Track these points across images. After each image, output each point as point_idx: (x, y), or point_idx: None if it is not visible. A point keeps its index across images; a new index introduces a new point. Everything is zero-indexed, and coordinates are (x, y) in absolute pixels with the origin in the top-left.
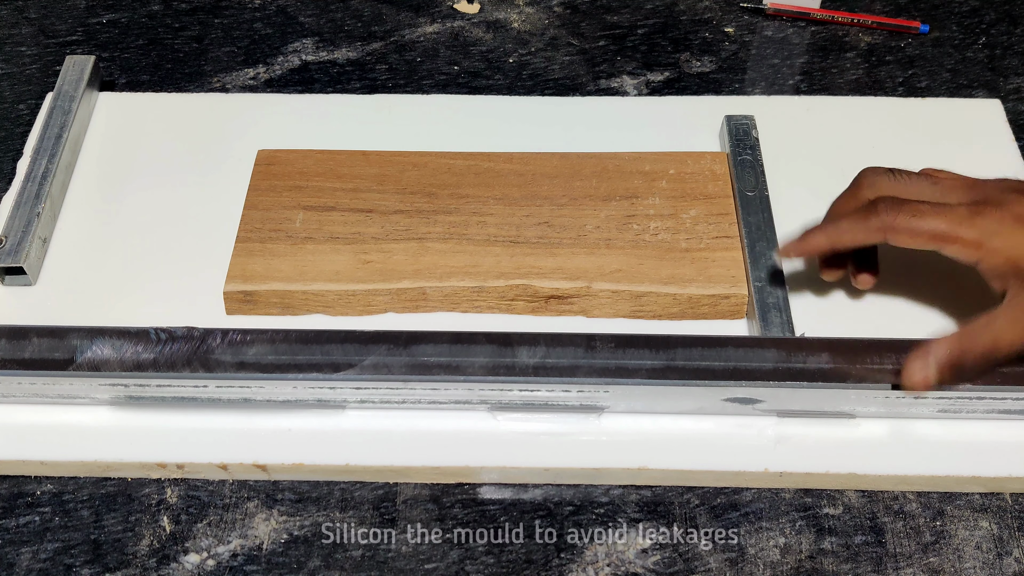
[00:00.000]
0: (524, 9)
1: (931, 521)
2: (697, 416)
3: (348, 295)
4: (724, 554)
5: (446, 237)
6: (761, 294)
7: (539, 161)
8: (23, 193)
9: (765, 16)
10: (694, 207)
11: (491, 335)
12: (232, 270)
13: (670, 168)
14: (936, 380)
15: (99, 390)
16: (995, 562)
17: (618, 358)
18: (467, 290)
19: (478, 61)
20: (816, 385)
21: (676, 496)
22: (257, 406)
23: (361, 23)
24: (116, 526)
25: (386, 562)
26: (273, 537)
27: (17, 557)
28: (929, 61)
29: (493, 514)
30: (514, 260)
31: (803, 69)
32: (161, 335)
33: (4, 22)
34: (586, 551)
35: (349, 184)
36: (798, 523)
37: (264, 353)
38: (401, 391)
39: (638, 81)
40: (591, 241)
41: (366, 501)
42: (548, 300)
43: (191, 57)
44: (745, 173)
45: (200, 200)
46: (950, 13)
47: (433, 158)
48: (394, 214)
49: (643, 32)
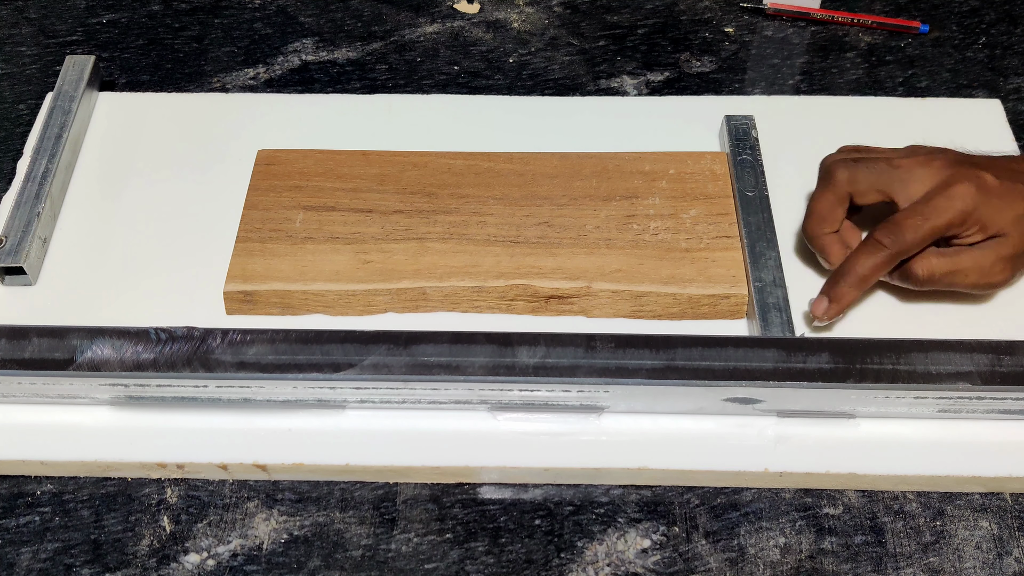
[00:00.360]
0: (524, 9)
1: (931, 521)
2: (697, 416)
3: (348, 295)
4: (724, 554)
5: (446, 237)
6: (761, 294)
7: (539, 161)
8: (23, 193)
9: (765, 16)
10: (694, 207)
11: (491, 335)
12: (232, 270)
13: (670, 168)
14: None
15: (99, 390)
16: (995, 562)
17: (618, 358)
18: (467, 290)
19: (478, 61)
20: (816, 385)
21: (676, 496)
22: (257, 406)
23: (361, 23)
24: (116, 526)
25: (386, 562)
26: (273, 537)
27: (17, 557)
28: (929, 61)
29: (493, 514)
30: (514, 260)
31: (803, 69)
32: (161, 335)
33: (4, 22)
34: (586, 551)
35: (349, 184)
36: (798, 523)
37: (264, 353)
38: (401, 391)
39: (638, 81)
40: (591, 241)
41: (366, 501)
42: (548, 300)
43: (191, 57)
44: (745, 173)
45: (200, 200)
46: (950, 13)
47: (433, 158)
48: (394, 214)
49: (643, 32)
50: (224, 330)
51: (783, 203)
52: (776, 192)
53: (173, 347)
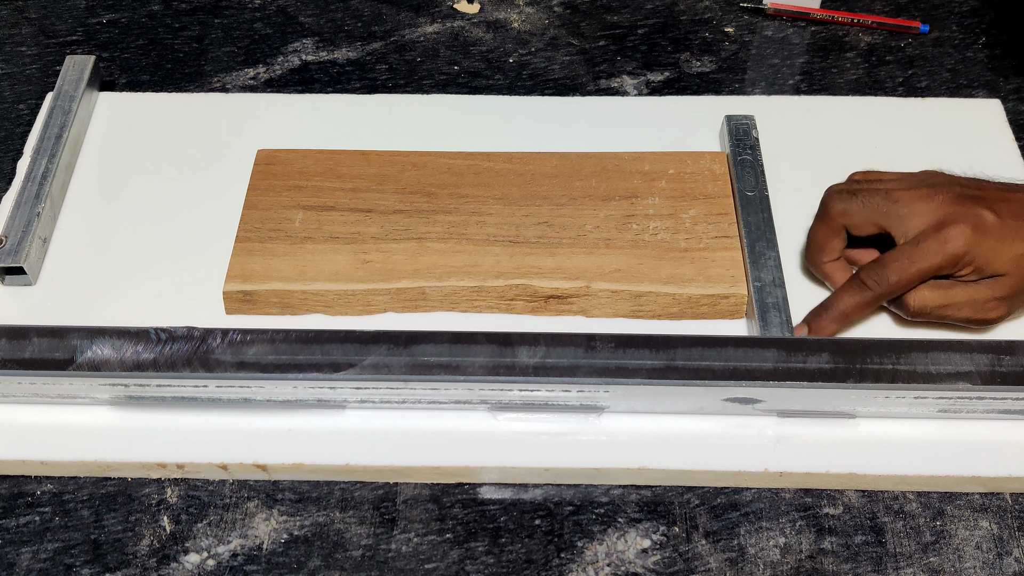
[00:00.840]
0: (524, 9)
1: (931, 521)
2: (697, 416)
3: (347, 295)
4: (724, 554)
5: (445, 237)
6: (761, 294)
7: (539, 161)
8: (23, 193)
9: (765, 16)
10: (693, 207)
11: (491, 335)
12: (232, 270)
13: (670, 168)
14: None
15: (99, 390)
16: (995, 562)
17: (618, 358)
18: (466, 290)
19: (478, 61)
20: (816, 385)
21: (676, 496)
22: (257, 406)
23: (361, 23)
24: (116, 526)
25: (386, 562)
26: (273, 537)
27: (17, 557)
28: (929, 61)
29: (493, 514)
30: (513, 260)
31: (803, 69)
32: (161, 335)
33: (4, 22)
34: (586, 551)
35: (348, 184)
36: (798, 523)
37: (264, 353)
38: (401, 391)
39: (638, 81)
40: (591, 241)
41: (366, 501)
42: (548, 300)
43: (191, 57)
44: (745, 173)
45: (200, 200)
46: (950, 13)
47: (432, 158)
48: (393, 214)
49: (643, 32)
50: (224, 330)
51: (783, 203)
52: (776, 192)
53: (173, 347)
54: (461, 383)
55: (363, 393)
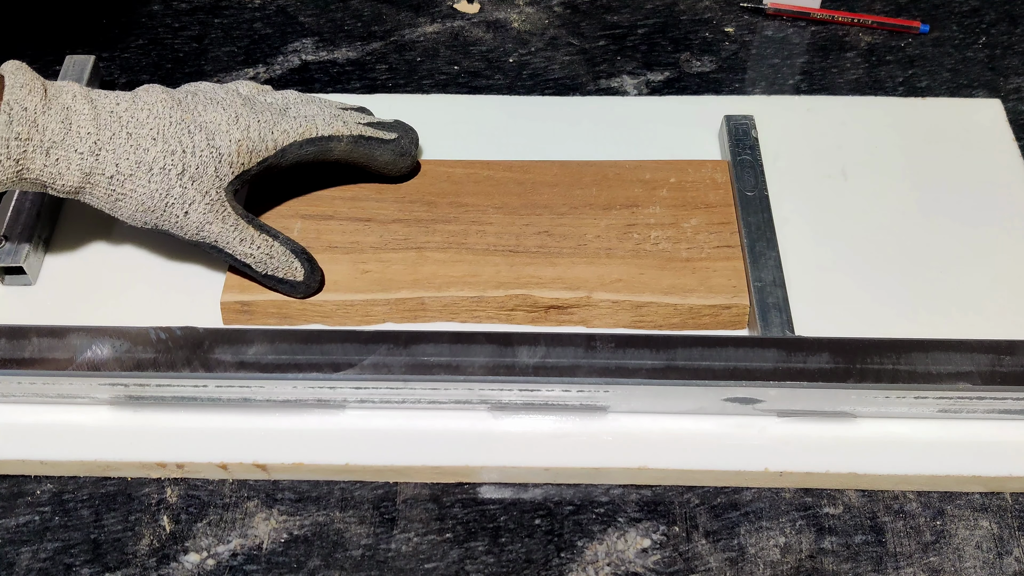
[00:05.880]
0: (524, 9)
1: (931, 521)
2: (697, 416)
3: (346, 305)
4: (724, 554)
5: (445, 246)
6: (761, 294)
7: (539, 169)
8: (23, 193)
9: (765, 16)
10: (695, 216)
11: (491, 335)
12: (229, 280)
13: (671, 177)
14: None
15: (99, 390)
16: (995, 562)
17: (618, 358)
18: (466, 300)
19: (478, 61)
20: (816, 385)
21: (676, 496)
22: (257, 406)
23: (361, 23)
24: (116, 526)
25: (386, 562)
26: (273, 537)
27: (17, 557)
28: (929, 61)
29: (493, 514)
30: (514, 270)
31: (803, 69)
32: (161, 335)
33: (4, 22)
34: (586, 551)
35: (347, 192)
36: (798, 523)
37: (264, 353)
38: (401, 391)
39: (638, 81)
40: (591, 250)
41: (366, 501)
42: (548, 310)
43: (191, 57)
44: (745, 173)
45: None
46: (950, 13)
47: (432, 166)
48: (392, 223)
49: (643, 32)
50: (224, 330)
51: (783, 203)
52: (776, 192)
53: (173, 347)
54: (461, 383)
55: (363, 393)
